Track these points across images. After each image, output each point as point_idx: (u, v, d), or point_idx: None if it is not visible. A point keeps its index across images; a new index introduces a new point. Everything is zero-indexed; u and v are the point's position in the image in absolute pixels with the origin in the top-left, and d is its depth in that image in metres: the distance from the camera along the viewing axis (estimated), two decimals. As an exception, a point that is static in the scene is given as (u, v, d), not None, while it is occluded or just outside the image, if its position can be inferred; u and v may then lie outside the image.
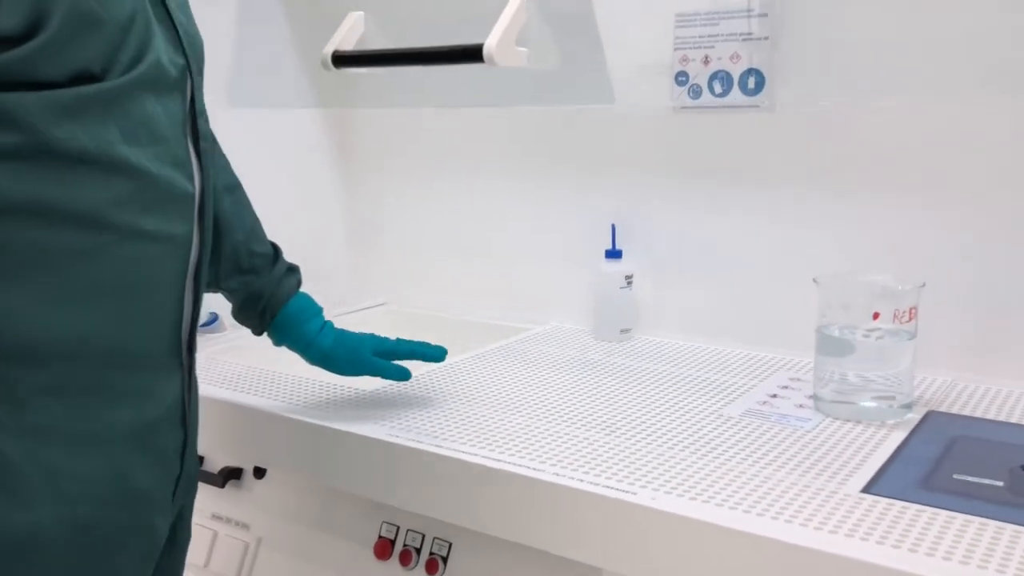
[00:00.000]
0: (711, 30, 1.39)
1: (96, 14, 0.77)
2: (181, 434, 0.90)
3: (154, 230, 0.83)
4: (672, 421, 1.11)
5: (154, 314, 0.86)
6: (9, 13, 0.72)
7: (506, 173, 1.63)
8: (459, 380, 1.30)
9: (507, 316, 1.65)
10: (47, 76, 0.75)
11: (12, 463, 0.75)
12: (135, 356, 0.85)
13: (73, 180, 0.77)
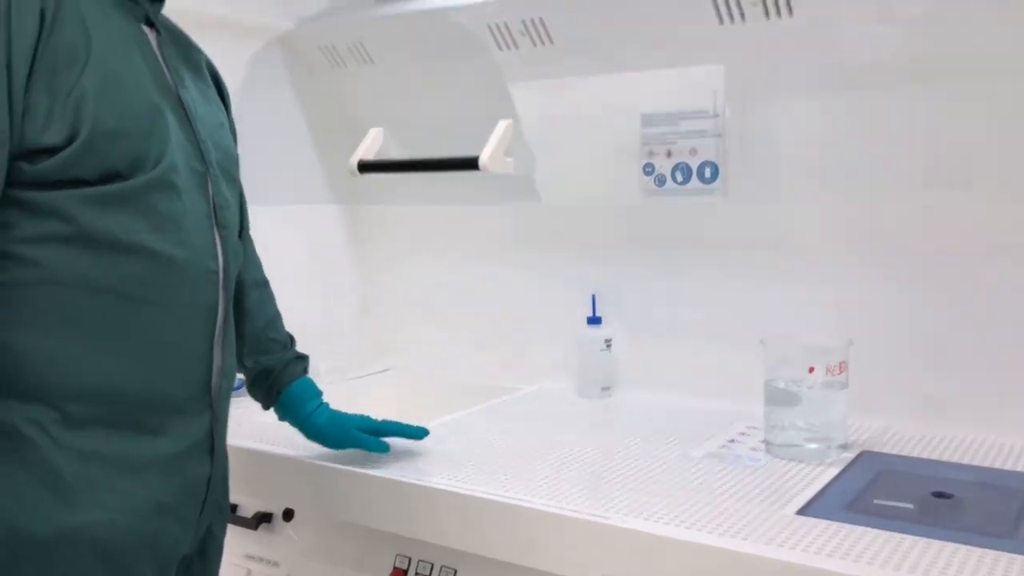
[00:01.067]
0: (673, 128, 1.62)
1: (117, 128, 1.00)
2: (208, 465, 1.11)
3: (182, 301, 1.05)
4: (642, 462, 1.30)
5: (184, 367, 1.07)
6: (54, 132, 0.96)
7: (498, 253, 1.85)
8: (460, 432, 1.49)
9: (501, 378, 1.84)
10: (81, 176, 0.98)
11: (63, 475, 0.97)
12: (168, 400, 1.05)
13: (108, 261, 0.99)
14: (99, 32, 1.02)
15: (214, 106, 1.18)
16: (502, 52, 1.65)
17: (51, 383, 0.97)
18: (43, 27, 0.98)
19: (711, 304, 1.62)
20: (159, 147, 1.04)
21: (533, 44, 1.62)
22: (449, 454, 1.36)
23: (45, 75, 0.97)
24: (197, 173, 1.09)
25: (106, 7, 1.06)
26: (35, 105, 0.96)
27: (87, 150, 0.98)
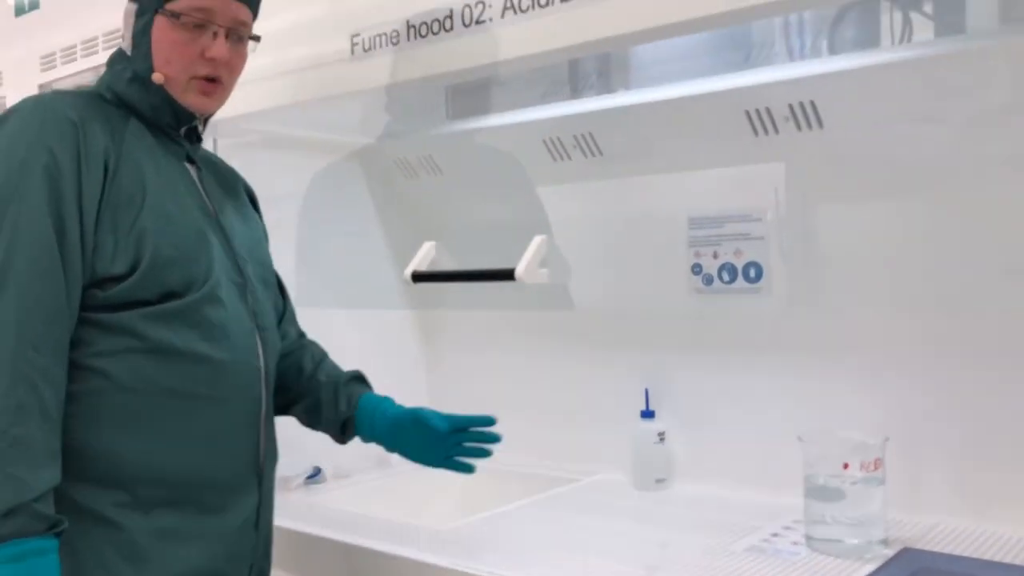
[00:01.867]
0: (718, 231, 1.71)
1: (172, 254, 1.22)
2: (254, 536, 1.29)
3: (232, 396, 1.24)
4: (685, 555, 1.36)
5: (235, 454, 1.26)
6: (120, 263, 1.17)
7: (557, 350, 1.94)
8: (518, 522, 1.57)
9: (560, 469, 1.91)
10: (143, 297, 1.18)
11: (142, 551, 1.16)
12: (222, 482, 1.24)
13: (168, 367, 1.18)
14: (151, 175, 1.23)
15: (250, 223, 1.39)
16: (556, 163, 1.79)
17: (126, 473, 1.16)
18: (107, 176, 1.19)
19: (759, 399, 1.67)
20: (206, 268, 1.24)
21: (584, 156, 1.75)
22: (504, 543, 1.44)
23: (109, 216, 1.17)
24: (237, 285, 1.29)
25: (155, 151, 1.26)
26: (103, 243, 1.17)
27: (147, 276, 1.18)
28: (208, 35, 1.26)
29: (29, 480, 1.07)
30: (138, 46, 1.27)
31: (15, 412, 1.07)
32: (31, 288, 1.11)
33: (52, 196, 1.14)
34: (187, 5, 1.25)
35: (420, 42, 1.40)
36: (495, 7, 1.31)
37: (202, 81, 1.27)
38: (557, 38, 1.25)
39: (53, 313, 1.12)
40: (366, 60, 1.47)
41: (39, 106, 1.21)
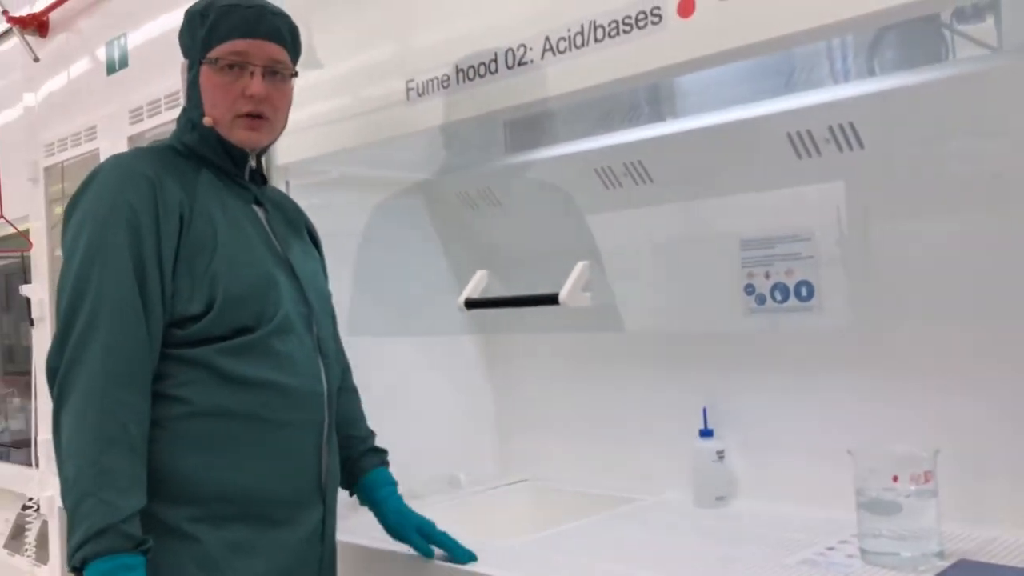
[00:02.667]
0: (769, 251, 1.74)
1: (243, 293, 1.35)
2: (320, 548, 1.42)
3: (298, 419, 1.38)
4: (739, 568, 1.39)
5: (301, 471, 1.39)
6: (196, 304, 1.32)
7: (619, 371, 1.99)
8: (581, 539, 1.62)
9: (625, 488, 1.95)
10: (217, 334, 1.33)
11: (217, 561, 1.29)
12: (292, 498, 1.38)
13: (240, 394, 1.32)
14: (221, 223, 1.37)
15: (312, 259, 1.53)
16: (608, 191, 1.85)
17: (202, 490, 1.29)
18: (182, 226, 1.33)
19: (815, 415, 1.69)
20: (275, 304, 1.37)
21: (635, 183, 1.81)
22: (570, 558, 1.50)
23: (185, 262, 1.32)
24: (303, 317, 1.42)
25: (225, 198, 1.40)
26: (181, 287, 1.31)
27: (220, 315, 1.32)
28: (246, 76, 1.38)
29: (118, 503, 1.20)
30: (191, 97, 1.42)
31: (105, 443, 1.21)
32: (117, 332, 1.25)
33: (134, 247, 1.28)
34: (223, 50, 1.38)
35: (468, 84, 1.49)
36: (536, 49, 1.39)
37: (246, 118, 1.40)
38: (592, 75, 1.33)
39: (137, 353, 1.26)
40: (420, 103, 1.57)
41: (119, 165, 1.36)
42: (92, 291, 1.27)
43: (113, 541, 1.18)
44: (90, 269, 1.27)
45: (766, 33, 1.20)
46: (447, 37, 1.54)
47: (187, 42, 1.43)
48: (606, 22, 1.30)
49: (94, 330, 1.25)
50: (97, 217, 1.30)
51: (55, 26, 2.46)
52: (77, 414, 1.23)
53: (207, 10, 1.40)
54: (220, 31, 1.39)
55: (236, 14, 1.39)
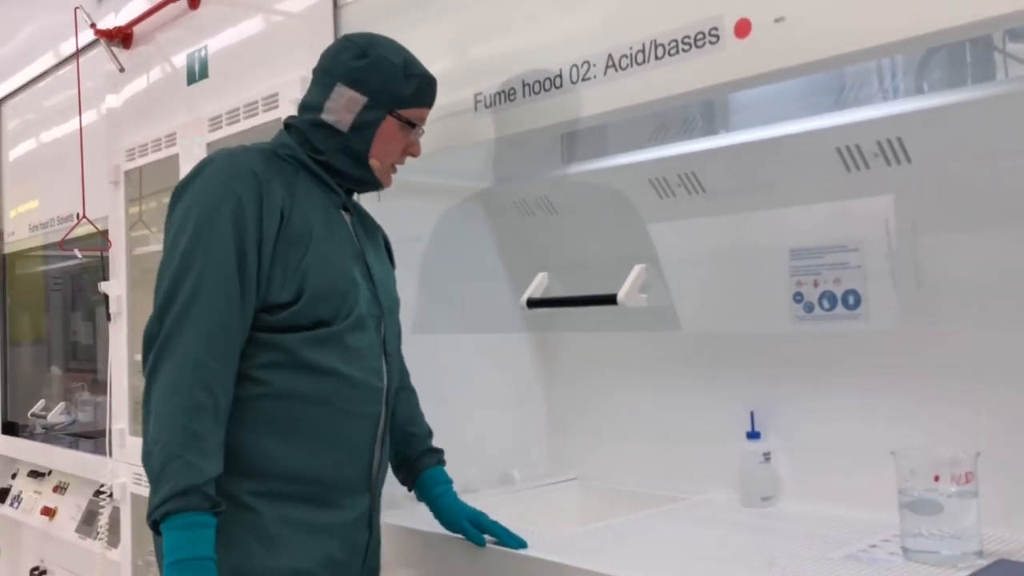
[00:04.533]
0: (818, 261, 1.81)
1: (327, 289, 1.48)
2: (367, 533, 1.56)
3: (361, 410, 1.51)
4: (783, 561, 1.46)
5: (357, 460, 1.52)
6: (286, 293, 1.44)
7: (669, 373, 2.07)
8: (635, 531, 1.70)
9: (671, 487, 2.02)
10: (301, 323, 1.45)
11: (271, 534, 1.42)
12: (344, 483, 1.50)
13: (313, 381, 1.45)
14: (316, 224, 1.50)
15: (386, 266, 1.69)
16: (662, 201, 1.93)
17: (265, 467, 1.42)
18: (282, 222, 1.46)
19: (860, 419, 1.75)
20: (352, 303, 1.50)
21: (688, 193, 1.88)
22: (618, 548, 1.58)
23: (281, 255, 1.44)
24: (374, 317, 1.55)
25: (316, 200, 1.54)
26: (275, 276, 1.43)
27: (306, 307, 1.45)
28: (414, 134, 1.62)
29: (202, 466, 1.32)
30: (359, 131, 1.56)
31: (194, 410, 1.33)
32: (216, 307, 1.38)
33: (237, 234, 1.41)
34: (415, 115, 1.60)
35: (534, 97, 1.59)
36: (599, 66, 1.48)
37: (393, 167, 1.64)
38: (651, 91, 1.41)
39: (231, 331, 1.39)
40: (487, 114, 1.67)
41: (231, 159, 1.50)
42: (196, 269, 1.39)
43: (193, 500, 1.31)
44: (195, 248, 1.40)
45: (818, 53, 1.27)
46: (514, 52, 1.64)
47: (376, 85, 1.56)
48: (666, 41, 1.39)
49: (194, 305, 1.37)
50: (207, 203, 1.43)
51: (139, 38, 2.61)
52: (171, 381, 1.35)
53: (409, 71, 1.58)
54: (419, 98, 1.60)
55: (431, 87, 1.62)
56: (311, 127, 1.59)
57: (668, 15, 1.39)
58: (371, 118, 1.57)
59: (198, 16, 2.39)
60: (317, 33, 2.00)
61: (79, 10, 2.69)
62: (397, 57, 1.59)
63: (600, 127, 2.02)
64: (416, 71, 1.60)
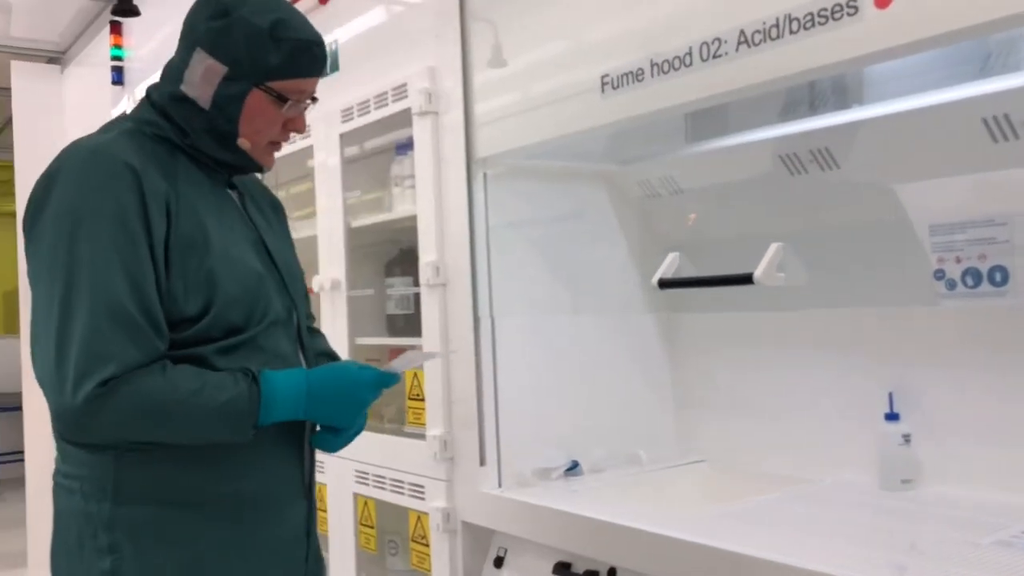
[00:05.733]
0: (961, 237, 1.74)
1: (238, 295, 1.32)
2: (306, 545, 1.45)
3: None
4: (931, 546, 1.42)
5: (287, 465, 1.42)
6: (192, 305, 1.28)
7: (800, 352, 2.03)
8: (770, 513, 1.69)
9: (805, 469, 1.99)
10: (213, 335, 1.31)
11: (202, 560, 1.33)
12: (277, 495, 1.40)
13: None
14: (208, 216, 1.32)
15: (284, 239, 1.52)
16: (792, 177, 1.89)
17: (193, 492, 1.33)
18: (170, 222, 1.27)
19: (1006, 400, 1.68)
20: (264, 304, 1.37)
21: (821, 169, 1.84)
22: (755, 530, 1.57)
23: (177, 262, 1.27)
24: (286, 309, 1.42)
25: (203, 185, 1.36)
26: (174, 288, 1.27)
27: (217, 317, 1.30)
28: (292, 108, 1.38)
29: (223, 382, 1.30)
30: (222, 107, 1.35)
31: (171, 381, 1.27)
32: (130, 357, 1.24)
33: (124, 247, 1.23)
34: (288, 87, 1.36)
35: (662, 77, 1.58)
36: (730, 42, 1.46)
37: (274, 144, 1.43)
38: (786, 65, 1.39)
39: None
40: (614, 96, 1.67)
41: (98, 151, 1.28)
42: (84, 303, 1.21)
43: (245, 397, 1.30)
44: (76, 276, 1.22)
45: (964, 21, 1.22)
46: (642, 31, 1.63)
47: (236, 53, 1.33)
48: (802, 15, 1.36)
49: (99, 362, 1.22)
50: (79, 212, 1.23)
51: (272, 35, 2.72)
52: (128, 399, 1.25)
53: (277, 34, 1.34)
54: (292, 67, 1.36)
55: (309, 53, 1.37)
56: (171, 101, 1.37)
57: (804, -13, 1.36)
58: (234, 91, 1.34)
59: (327, 10, 2.48)
60: (444, 22, 2.05)
61: (217, 11, 2.82)
62: (264, 18, 1.33)
63: (723, 104, 1.99)
64: (288, 34, 1.34)
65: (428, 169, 2.08)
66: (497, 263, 2.05)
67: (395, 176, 2.36)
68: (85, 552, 1.31)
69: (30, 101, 4.75)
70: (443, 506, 2.04)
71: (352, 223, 2.43)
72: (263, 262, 1.41)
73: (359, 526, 2.38)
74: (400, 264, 2.46)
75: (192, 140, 1.38)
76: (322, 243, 2.49)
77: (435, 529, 2.05)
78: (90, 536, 1.31)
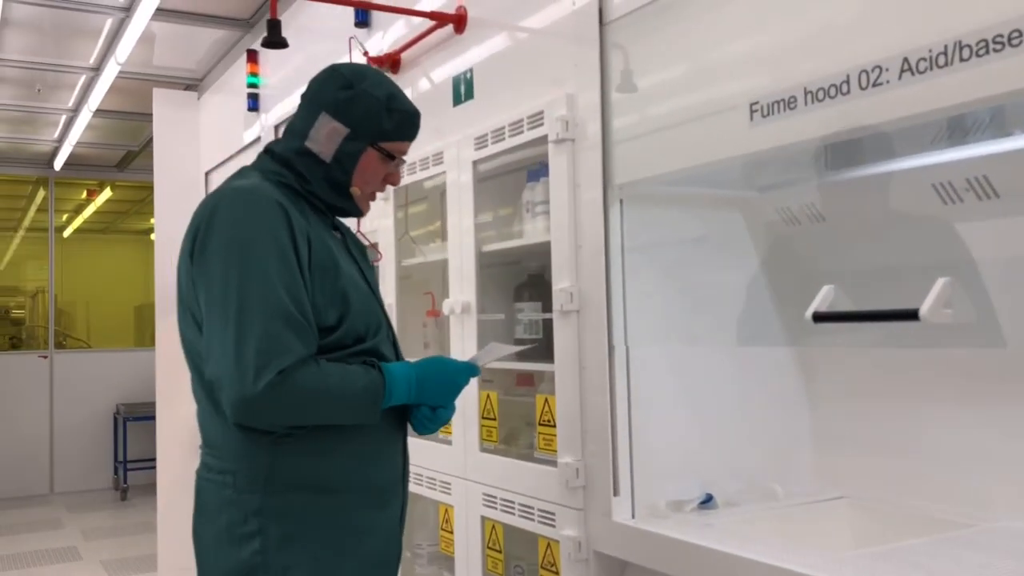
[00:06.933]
0: None
1: (362, 310, 1.63)
2: (399, 529, 1.76)
3: (394, 413, 1.70)
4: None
5: (393, 461, 1.74)
6: (331, 316, 1.59)
7: (949, 393, 1.94)
8: (919, 556, 1.61)
9: (953, 512, 1.89)
10: (345, 343, 1.62)
11: (341, 543, 1.64)
12: (387, 485, 1.71)
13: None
14: (333, 247, 1.64)
15: (373, 273, 1.81)
16: (945, 207, 1.81)
17: (334, 481, 1.63)
18: (310, 248, 1.58)
19: None
20: (377, 317, 1.70)
21: (978, 199, 1.76)
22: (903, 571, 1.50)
23: (316, 281, 1.57)
24: (386, 325, 1.74)
25: (321, 227, 1.67)
26: (317, 303, 1.57)
27: (349, 327, 1.60)
28: (393, 166, 1.74)
29: (354, 372, 1.62)
30: (340, 161, 1.68)
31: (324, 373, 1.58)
32: (298, 350, 1.55)
33: (281, 264, 1.53)
34: (396, 148, 1.73)
35: (816, 105, 1.54)
36: (892, 70, 1.41)
37: (373, 194, 1.77)
38: (954, 95, 1.34)
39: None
40: (764, 124, 1.64)
41: (252, 191, 1.58)
42: (256, 319, 1.49)
43: (374, 387, 1.62)
44: (248, 293, 1.50)
45: None
46: (794, 57, 1.60)
47: (358, 118, 1.67)
48: (974, 42, 1.31)
49: (276, 355, 1.50)
50: (243, 243, 1.52)
51: (406, 63, 2.80)
52: (302, 382, 1.53)
53: (392, 105, 1.69)
54: (401, 132, 1.72)
55: (413, 122, 1.74)
56: (296, 155, 1.69)
57: (974, 12, 1.31)
58: (352, 149, 1.67)
59: (464, 40, 2.52)
60: (583, 50, 2.05)
61: (353, 39, 2.91)
62: (381, 91, 1.68)
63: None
64: (399, 106, 1.70)
65: (564, 195, 2.09)
66: (631, 290, 2.03)
67: (527, 202, 2.37)
68: (235, 537, 1.56)
69: (169, 126, 5.02)
70: (575, 535, 2.03)
71: (483, 248, 2.46)
72: (366, 288, 1.71)
73: (486, 550, 2.39)
74: (529, 288, 2.47)
75: (312, 187, 1.69)
76: (452, 267, 2.52)
77: (566, 558, 2.04)
78: (240, 522, 1.56)
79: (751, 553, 1.64)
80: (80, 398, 7.70)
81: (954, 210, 1.82)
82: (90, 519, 6.55)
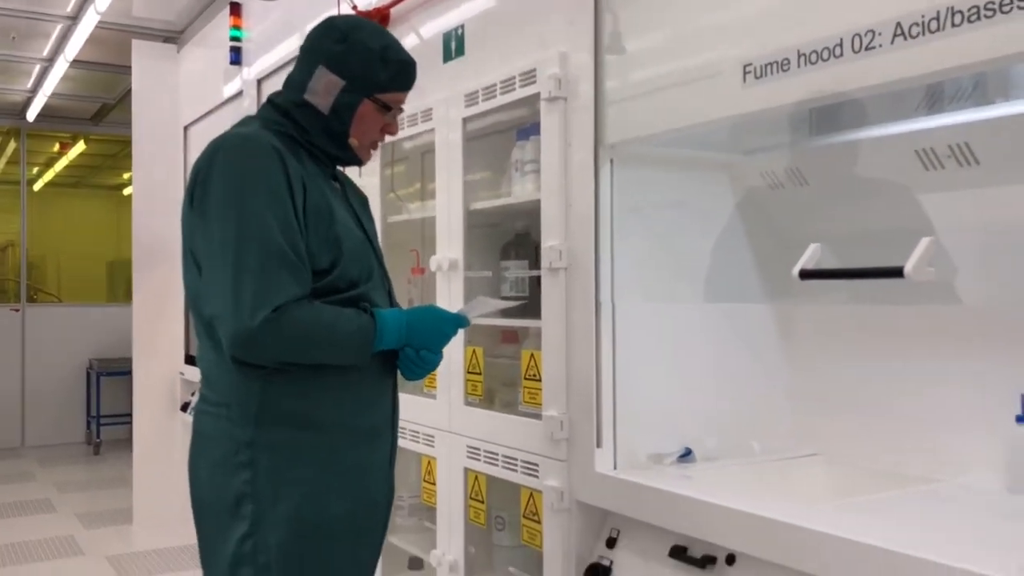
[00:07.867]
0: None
1: (355, 256, 1.67)
2: (389, 471, 1.82)
3: (384, 358, 1.76)
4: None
5: (383, 402, 1.81)
6: (323, 260, 1.63)
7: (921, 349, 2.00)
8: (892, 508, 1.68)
9: (920, 468, 1.96)
10: (338, 287, 1.66)
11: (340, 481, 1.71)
12: (378, 425, 1.78)
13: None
14: (327, 193, 1.68)
15: (372, 223, 1.86)
16: (928, 172, 1.86)
17: (323, 419, 1.68)
18: (305, 193, 1.62)
19: None
20: (370, 264, 1.73)
21: (959, 165, 1.81)
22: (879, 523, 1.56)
23: (311, 226, 1.61)
24: (380, 273, 1.79)
25: (319, 174, 1.71)
26: (311, 245, 1.61)
27: (342, 271, 1.65)
28: (391, 116, 1.77)
29: (347, 317, 1.68)
30: (338, 113, 1.71)
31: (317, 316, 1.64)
32: (291, 289, 1.60)
33: (278, 207, 1.57)
34: (393, 99, 1.76)
35: (809, 68, 1.58)
36: (885, 34, 1.45)
37: (373, 144, 1.80)
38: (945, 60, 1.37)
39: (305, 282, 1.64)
40: (756, 86, 1.67)
41: (250, 138, 1.62)
42: (253, 258, 1.54)
43: (370, 330, 1.69)
44: (245, 234, 1.55)
45: None
46: (790, 21, 1.63)
47: (354, 71, 1.70)
48: (965, 7, 1.34)
49: (272, 293, 1.55)
50: (240, 186, 1.56)
51: (396, 19, 2.79)
52: (298, 322, 1.59)
53: (387, 55, 1.72)
54: (397, 83, 1.74)
55: (409, 72, 1.76)
56: (295, 107, 1.73)
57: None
58: (349, 101, 1.71)
59: (454, -2, 2.52)
60: (577, 8, 2.07)
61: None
62: (376, 42, 1.71)
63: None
64: (394, 56, 1.72)
65: (555, 154, 2.12)
66: (618, 248, 2.07)
67: (516, 161, 2.39)
68: (228, 466, 1.64)
69: (148, 79, 4.95)
70: (558, 485, 2.08)
71: (471, 206, 2.48)
72: (361, 236, 1.76)
73: (469, 500, 2.44)
74: (516, 247, 2.50)
75: (311, 137, 1.73)
76: (440, 224, 2.54)
77: (549, 507, 2.09)
78: (232, 453, 1.64)
79: (728, 502, 1.70)
80: (52, 352, 7.65)
81: (936, 176, 1.87)
82: (63, 472, 6.54)
